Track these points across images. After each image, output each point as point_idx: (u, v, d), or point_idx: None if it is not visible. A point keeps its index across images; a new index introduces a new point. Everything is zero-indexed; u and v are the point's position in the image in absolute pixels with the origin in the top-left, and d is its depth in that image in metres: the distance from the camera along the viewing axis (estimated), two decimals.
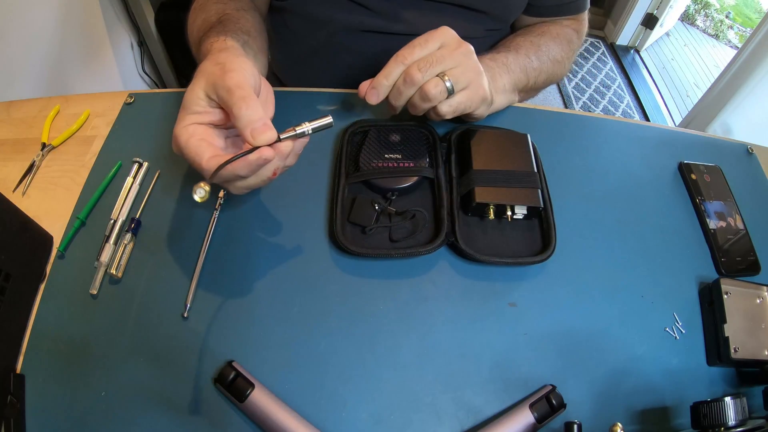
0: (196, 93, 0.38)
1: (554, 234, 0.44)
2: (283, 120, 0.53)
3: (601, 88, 2.17)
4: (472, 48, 0.46)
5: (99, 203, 0.46)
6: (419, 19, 0.58)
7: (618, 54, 2.35)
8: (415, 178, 0.47)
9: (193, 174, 0.48)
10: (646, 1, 2.19)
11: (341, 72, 0.64)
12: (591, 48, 2.37)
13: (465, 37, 0.61)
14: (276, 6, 0.62)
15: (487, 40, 0.64)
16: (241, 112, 0.35)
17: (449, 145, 0.50)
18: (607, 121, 0.58)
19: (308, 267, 0.43)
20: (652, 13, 2.24)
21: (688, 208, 0.51)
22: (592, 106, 2.07)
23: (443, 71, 0.43)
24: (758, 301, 0.42)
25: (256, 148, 0.35)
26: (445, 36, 0.45)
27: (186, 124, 0.38)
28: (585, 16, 0.64)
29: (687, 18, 2.69)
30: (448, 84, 0.44)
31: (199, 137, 0.37)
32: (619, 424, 0.33)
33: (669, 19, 2.35)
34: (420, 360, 0.40)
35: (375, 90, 0.44)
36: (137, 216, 0.45)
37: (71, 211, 0.45)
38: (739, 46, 1.87)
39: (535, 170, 0.47)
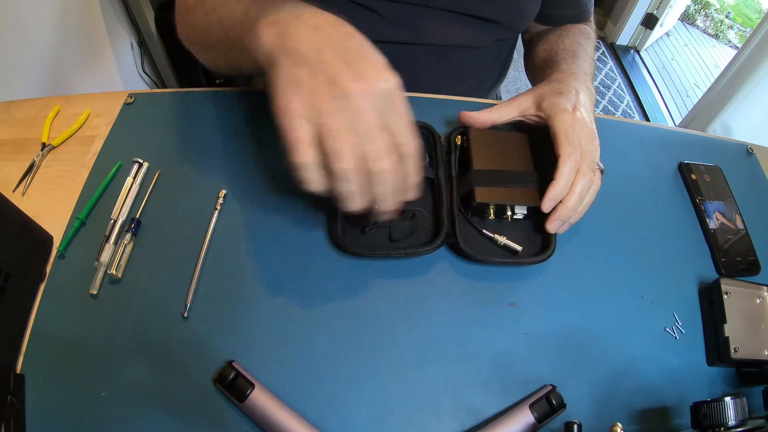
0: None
1: (554, 234, 0.44)
2: None
3: (601, 88, 2.17)
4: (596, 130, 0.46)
5: (99, 203, 0.46)
6: (430, 28, 0.58)
7: (618, 54, 2.35)
8: None
9: (193, 174, 0.48)
10: (646, 1, 2.19)
11: None
12: (594, 51, 2.37)
13: (474, 46, 0.61)
14: None
15: (495, 49, 0.64)
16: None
17: (449, 145, 0.50)
18: (607, 121, 0.58)
19: (308, 267, 0.43)
20: (652, 13, 2.24)
21: (688, 208, 0.51)
22: None
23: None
24: (758, 301, 0.42)
25: None
26: (583, 125, 0.45)
27: None
28: (592, 18, 0.67)
29: (687, 18, 2.69)
30: (600, 171, 0.45)
31: None
32: (619, 424, 0.33)
33: (669, 19, 2.35)
34: (420, 360, 0.40)
35: (554, 200, 0.43)
36: (137, 216, 0.45)
37: (71, 211, 0.45)
38: (739, 46, 1.87)
39: (535, 170, 0.47)
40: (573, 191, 0.42)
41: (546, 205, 0.43)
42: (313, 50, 0.32)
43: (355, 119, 0.31)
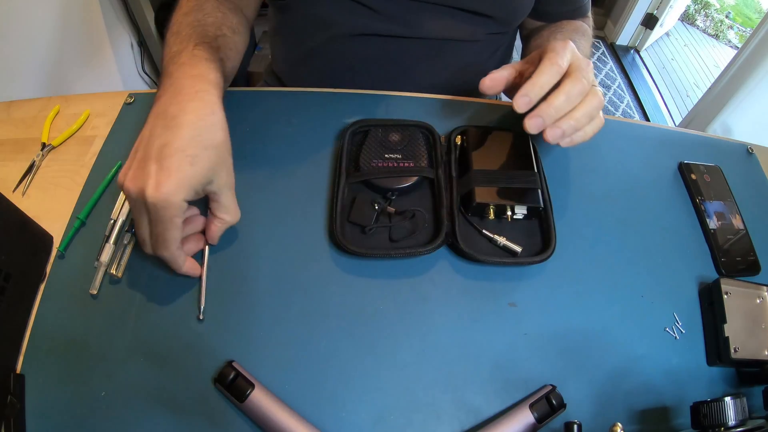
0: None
1: (554, 234, 0.44)
2: (283, 120, 0.53)
3: (601, 88, 2.17)
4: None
5: (99, 203, 0.46)
6: (423, 22, 0.58)
7: (618, 54, 2.35)
8: (415, 178, 0.47)
9: None
10: (646, 1, 2.19)
11: (342, 74, 0.64)
12: (591, 48, 2.37)
13: (467, 40, 0.61)
14: (278, 5, 0.62)
15: (489, 44, 0.64)
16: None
17: (449, 145, 0.50)
18: (607, 121, 0.57)
19: (308, 267, 0.43)
20: (652, 13, 2.24)
21: (688, 208, 0.51)
22: None
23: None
24: (758, 301, 0.42)
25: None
26: (574, 51, 0.42)
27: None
28: (590, 14, 0.66)
29: (687, 18, 2.69)
30: (602, 94, 0.41)
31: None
32: (619, 424, 0.33)
33: (669, 19, 2.35)
34: (420, 360, 0.40)
35: (527, 97, 0.39)
36: None
37: (71, 211, 0.45)
38: (739, 46, 1.87)
39: (535, 170, 0.47)
40: (560, 90, 0.39)
41: (518, 101, 0.38)
42: (140, 139, 0.38)
43: (133, 211, 0.37)
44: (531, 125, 0.39)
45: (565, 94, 0.39)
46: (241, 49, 0.54)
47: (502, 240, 0.44)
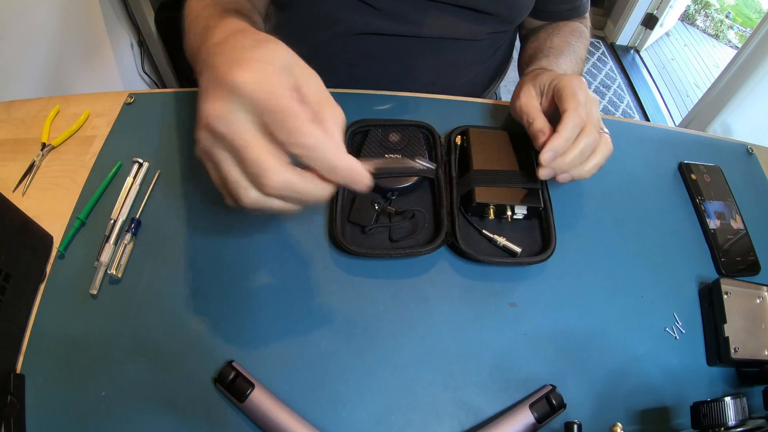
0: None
1: (554, 234, 0.44)
2: None
3: (601, 88, 2.17)
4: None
5: (99, 203, 0.46)
6: (426, 20, 0.58)
7: (618, 54, 2.35)
8: (415, 178, 0.47)
9: (192, 173, 0.48)
10: (646, 1, 2.19)
11: (343, 72, 0.64)
12: (591, 48, 2.37)
13: (469, 39, 0.61)
14: (279, 2, 0.62)
15: (491, 43, 0.64)
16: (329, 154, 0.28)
17: (449, 145, 0.50)
18: (607, 121, 0.58)
19: (308, 267, 0.43)
20: (652, 13, 2.24)
21: (688, 208, 0.51)
22: None
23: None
24: (758, 301, 0.42)
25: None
26: (587, 89, 0.44)
27: None
28: (588, 14, 0.66)
29: (687, 18, 2.69)
30: (610, 141, 0.44)
31: None
32: (619, 424, 0.33)
33: (669, 19, 2.35)
34: (420, 360, 0.40)
35: (553, 152, 0.41)
36: (137, 216, 0.45)
37: (71, 211, 0.45)
38: (739, 46, 1.87)
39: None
40: (575, 146, 0.41)
41: (545, 156, 0.41)
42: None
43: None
44: (544, 174, 0.42)
45: (580, 152, 0.42)
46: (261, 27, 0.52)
47: (502, 240, 0.44)
